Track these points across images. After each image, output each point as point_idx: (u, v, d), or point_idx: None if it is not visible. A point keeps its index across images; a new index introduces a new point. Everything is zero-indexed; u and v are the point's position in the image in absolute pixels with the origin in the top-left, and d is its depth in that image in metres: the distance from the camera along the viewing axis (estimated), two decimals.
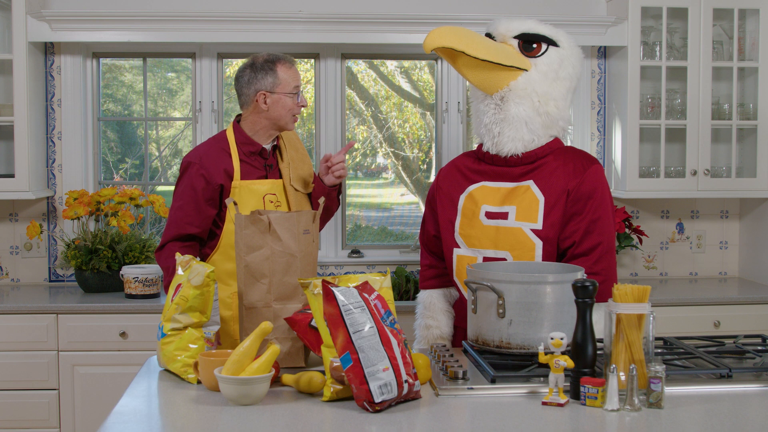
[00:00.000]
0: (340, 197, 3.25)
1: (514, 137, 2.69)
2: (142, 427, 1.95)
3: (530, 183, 2.68)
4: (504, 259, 2.65)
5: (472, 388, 2.14)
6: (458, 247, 2.75)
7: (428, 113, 4.72)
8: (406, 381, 2.02)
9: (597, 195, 2.65)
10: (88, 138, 4.31)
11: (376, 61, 4.66)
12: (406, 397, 2.05)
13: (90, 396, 3.73)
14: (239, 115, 3.10)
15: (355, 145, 4.65)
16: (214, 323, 2.41)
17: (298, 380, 2.15)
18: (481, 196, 2.73)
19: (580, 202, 2.63)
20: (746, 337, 2.65)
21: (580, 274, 2.32)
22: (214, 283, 2.34)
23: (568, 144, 3.00)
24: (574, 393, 2.06)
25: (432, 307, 2.86)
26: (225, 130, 3.08)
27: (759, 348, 2.52)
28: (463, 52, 2.64)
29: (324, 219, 3.20)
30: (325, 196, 3.05)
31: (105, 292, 4.00)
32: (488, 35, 2.79)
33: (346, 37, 4.14)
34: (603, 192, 2.67)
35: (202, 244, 3.05)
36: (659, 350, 2.47)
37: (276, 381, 2.20)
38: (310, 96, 4.53)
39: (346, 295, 2.04)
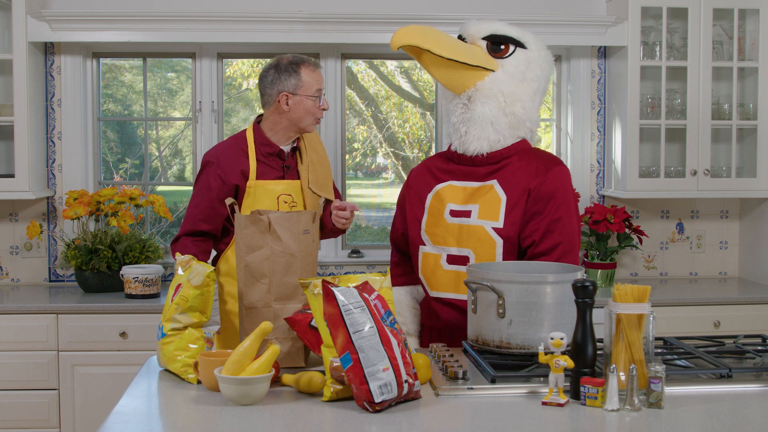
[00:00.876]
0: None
1: (480, 137, 2.72)
2: (142, 427, 1.95)
3: (494, 182, 2.71)
4: (466, 257, 2.68)
5: (472, 388, 2.14)
6: (424, 244, 2.79)
7: (428, 113, 4.72)
8: (406, 381, 2.02)
9: (558, 195, 2.67)
10: (88, 138, 4.31)
11: (376, 61, 4.66)
12: (406, 397, 2.05)
13: (90, 396, 3.73)
14: (260, 115, 3.12)
15: (355, 146, 4.65)
16: (214, 323, 2.42)
17: (298, 380, 2.15)
18: (448, 194, 2.77)
19: (540, 202, 2.66)
20: (746, 337, 2.65)
21: (579, 274, 2.32)
22: (214, 283, 2.34)
23: (540, 146, 3.02)
24: (574, 393, 2.06)
25: (399, 304, 2.89)
26: (245, 129, 3.11)
27: (759, 348, 2.52)
28: (429, 51, 2.68)
29: (329, 235, 3.23)
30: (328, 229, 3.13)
31: (105, 292, 4.00)
32: (460, 37, 2.83)
33: (346, 37, 4.14)
34: (565, 193, 2.69)
35: (217, 239, 3.09)
36: (659, 350, 2.47)
37: (276, 381, 2.20)
38: None
39: (346, 295, 2.04)
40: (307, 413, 2.01)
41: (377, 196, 4.72)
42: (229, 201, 2.66)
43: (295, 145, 3.10)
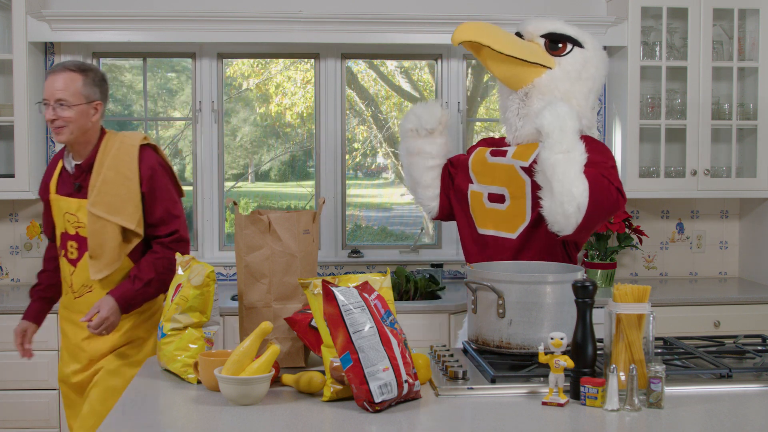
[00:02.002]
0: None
1: (533, 132, 2.77)
2: (142, 427, 1.95)
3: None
4: (502, 195, 2.80)
5: (472, 388, 2.14)
6: (471, 183, 2.91)
7: None
8: (406, 381, 2.02)
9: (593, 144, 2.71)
10: None
11: (376, 61, 4.66)
12: (406, 397, 2.05)
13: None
14: None
15: (355, 146, 4.65)
16: (214, 323, 2.42)
17: (298, 380, 2.15)
18: (490, 145, 2.96)
19: None
20: (746, 337, 2.65)
21: (579, 275, 2.32)
22: (214, 283, 2.34)
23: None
24: (574, 393, 2.06)
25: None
26: None
27: (759, 348, 2.52)
28: (489, 47, 2.73)
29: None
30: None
31: None
32: (518, 34, 2.88)
33: (346, 37, 4.14)
34: (600, 149, 2.74)
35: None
36: (659, 350, 2.47)
37: (276, 381, 2.20)
38: (310, 96, 4.53)
39: (346, 295, 2.04)
40: (307, 413, 2.01)
41: (377, 196, 4.72)
42: (229, 201, 2.66)
43: (91, 161, 2.85)
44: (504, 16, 4.15)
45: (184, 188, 3.08)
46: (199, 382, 2.25)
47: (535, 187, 2.68)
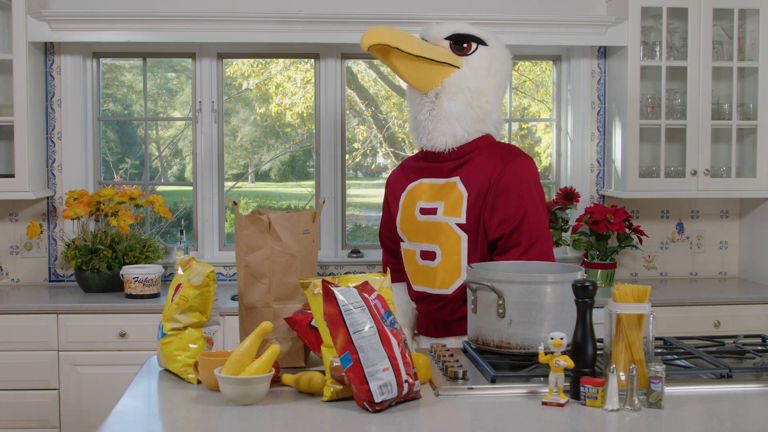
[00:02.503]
0: None
1: (446, 132, 2.83)
2: (142, 427, 1.95)
3: (457, 179, 2.82)
4: (434, 252, 2.82)
5: (472, 388, 2.14)
6: (403, 241, 2.95)
7: None
8: (406, 381, 2.02)
9: (519, 187, 2.74)
10: (88, 138, 4.32)
11: (376, 61, 4.66)
12: (406, 397, 2.05)
13: (90, 396, 3.73)
14: None
15: (355, 146, 4.65)
16: (214, 323, 2.42)
17: (298, 380, 2.15)
18: (418, 193, 2.90)
19: (501, 195, 2.74)
20: (746, 337, 2.65)
21: (579, 275, 2.32)
22: (214, 283, 2.34)
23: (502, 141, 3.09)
24: (574, 393, 2.06)
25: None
26: None
27: (759, 348, 2.52)
28: (398, 48, 2.78)
29: None
30: None
31: (105, 292, 4.00)
32: (423, 39, 2.93)
33: (346, 37, 4.14)
34: (527, 184, 2.76)
35: None
36: (659, 350, 2.47)
37: (276, 381, 2.20)
38: (310, 96, 4.52)
39: (346, 295, 2.04)
40: (307, 413, 2.01)
41: (377, 196, 4.72)
42: (229, 201, 2.65)
43: None
44: (504, 17, 4.15)
45: (185, 188, 3.08)
46: (199, 382, 2.25)
47: (471, 242, 2.75)
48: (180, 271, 2.40)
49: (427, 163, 2.91)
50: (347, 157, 4.54)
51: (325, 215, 4.43)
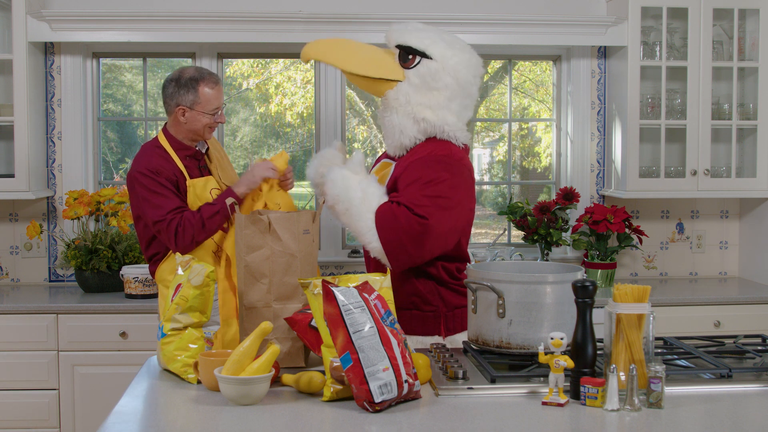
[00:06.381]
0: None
1: (393, 144, 2.86)
2: (142, 427, 1.95)
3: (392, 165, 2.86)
4: None
5: (472, 388, 2.14)
6: None
7: None
8: (406, 381, 2.02)
9: (423, 159, 2.73)
10: (88, 138, 4.32)
11: None
12: (406, 397, 2.05)
13: (90, 396, 3.73)
14: (167, 122, 3.13)
15: (355, 146, 4.65)
16: (214, 323, 2.42)
17: (298, 380, 2.15)
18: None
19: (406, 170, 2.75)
20: (746, 337, 2.65)
21: (579, 275, 2.32)
22: (214, 283, 2.34)
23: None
24: (574, 393, 2.06)
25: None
26: (156, 139, 3.08)
27: (759, 348, 2.52)
28: (334, 66, 2.85)
29: None
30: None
31: (105, 292, 4.00)
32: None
33: (346, 37, 4.13)
34: (428, 156, 2.74)
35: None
36: (659, 350, 2.47)
37: (276, 381, 2.20)
38: (310, 96, 4.53)
39: (346, 295, 2.04)
40: (307, 413, 2.01)
41: None
42: (229, 201, 2.66)
43: (207, 147, 3.15)
44: (504, 16, 4.15)
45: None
46: (199, 382, 2.25)
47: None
48: (180, 271, 2.40)
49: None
50: (347, 157, 4.54)
51: (325, 215, 4.42)
